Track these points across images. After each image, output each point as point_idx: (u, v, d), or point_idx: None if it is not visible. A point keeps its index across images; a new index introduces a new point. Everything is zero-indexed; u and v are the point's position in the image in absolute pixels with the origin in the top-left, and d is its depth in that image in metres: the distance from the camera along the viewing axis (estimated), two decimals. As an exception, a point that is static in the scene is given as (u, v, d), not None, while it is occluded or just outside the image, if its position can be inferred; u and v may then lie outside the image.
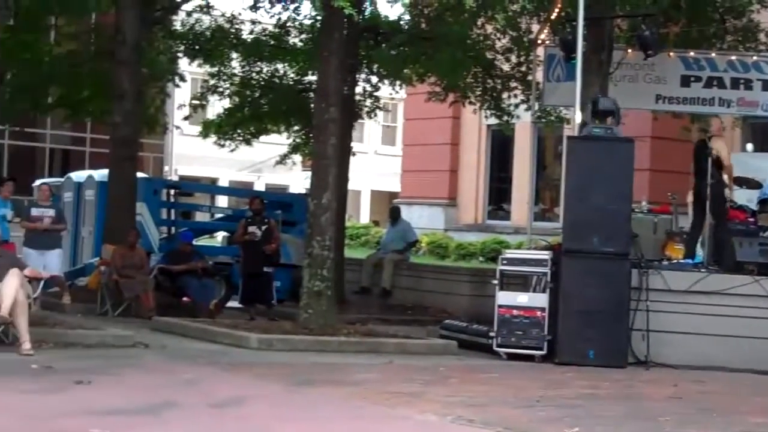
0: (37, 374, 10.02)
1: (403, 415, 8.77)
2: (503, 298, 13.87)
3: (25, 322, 11.22)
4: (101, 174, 19.78)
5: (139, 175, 19.22)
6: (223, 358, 12.11)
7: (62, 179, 22.89)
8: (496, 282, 14.03)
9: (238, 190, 39.77)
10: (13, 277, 11.24)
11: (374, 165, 44.68)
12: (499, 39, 19.36)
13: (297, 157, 24.66)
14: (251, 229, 16.34)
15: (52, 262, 15.98)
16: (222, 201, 36.56)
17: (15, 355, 10.97)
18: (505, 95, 20.16)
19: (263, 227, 16.31)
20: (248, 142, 23.09)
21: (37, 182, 22.86)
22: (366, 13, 17.32)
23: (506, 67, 19.78)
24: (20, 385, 9.23)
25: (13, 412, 7.81)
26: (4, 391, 8.73)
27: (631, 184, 13.64)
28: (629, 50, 16.71)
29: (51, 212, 16.59)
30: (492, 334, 13.88)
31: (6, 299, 11.04)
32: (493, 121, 21.93)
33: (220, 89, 22.06)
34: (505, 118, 20.44)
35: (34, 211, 16.52)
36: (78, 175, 22.06)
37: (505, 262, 14.05)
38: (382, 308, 18.91)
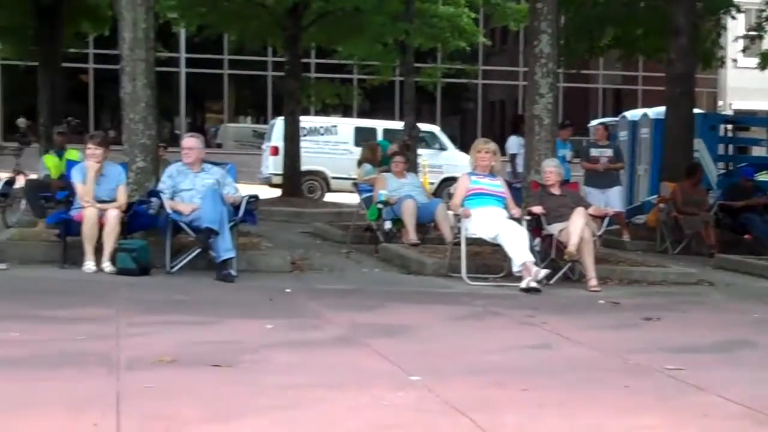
0: (604, 310, 10.21)
1: None
2: None
3: (591, 260, 11.51)
4: (656, 112, 19.76)
5: (695, 111, 18.93)
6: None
7: (617, 119, 23.15)
8: None
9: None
10: (579, 216, 11.54)
11: None
12: None
13: None
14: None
15: (612, 200, 16.26)
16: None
17: (582, 291, 11.28)
18: None
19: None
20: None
21: (594, 122, 23.27)
22: None
23: None
24: (591, 320, 9.45)
25: (587, 345, 8.01)
26: (576, 326, 8.98)
27: None
28: None
29: (608, 152, 16.84)
30: None
31: (573, 237, 11.38)
32: None
33: (779, 18, 21.16)
34: None
35: (593, 152, 16.85)
36: (633, 114, 22.23)
37: None
38: None
